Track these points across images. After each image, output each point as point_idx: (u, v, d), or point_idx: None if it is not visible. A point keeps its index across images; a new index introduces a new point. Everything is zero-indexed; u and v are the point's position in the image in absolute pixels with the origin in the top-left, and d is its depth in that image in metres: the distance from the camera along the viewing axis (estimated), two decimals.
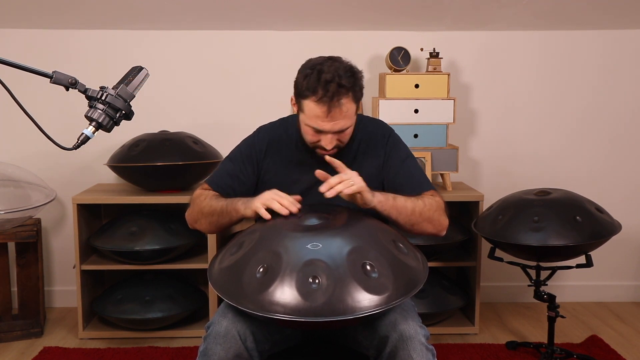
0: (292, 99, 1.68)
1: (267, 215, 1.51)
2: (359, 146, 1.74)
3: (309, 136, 1.64)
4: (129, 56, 2.97)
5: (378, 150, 1.74)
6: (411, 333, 1.38)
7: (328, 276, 1.27)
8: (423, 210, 1.60)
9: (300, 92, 1.59)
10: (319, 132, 1.60)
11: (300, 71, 1.61)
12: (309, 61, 1.61)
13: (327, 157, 1.58)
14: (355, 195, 1.52)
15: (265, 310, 1.25)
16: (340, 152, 1.69)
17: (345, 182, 1.49)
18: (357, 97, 1.61)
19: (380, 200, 1.55)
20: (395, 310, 1.42)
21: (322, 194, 1.73)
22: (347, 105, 1.57)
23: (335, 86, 1.53)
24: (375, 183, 1.72)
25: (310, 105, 1.57)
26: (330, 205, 1.57)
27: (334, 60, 1.59)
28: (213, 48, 3.00)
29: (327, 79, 1.53)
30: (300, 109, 1.62)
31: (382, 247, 1.37)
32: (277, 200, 1.52)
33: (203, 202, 1.67)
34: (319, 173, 1.55)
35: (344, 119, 1.58)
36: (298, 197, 1.58)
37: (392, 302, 1.27)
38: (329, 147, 1.61)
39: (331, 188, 1.48)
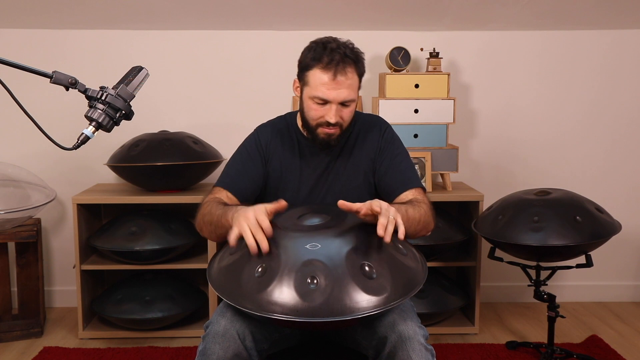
0: (295, 82, 1.69)
1: (233, 243, 1.35)
2: (357, 138, 1.76)
3: (312, 112, 1.64)
4: (129, 56, 2.97)
5: (373, 143, 1.75)
6: (410, 333, 1.37)
7: (326, 277, 1.27)
8: (426, 218, 1.59)
9: (305, 64, 1.61)
10: (324, 103, 1.61)
11: (303, 51, 1.65)
12: (311, 41, 1.65)
13: (340, 202, 1.37)
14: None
15: (263, 310, 1.25)
16: (338, 144, 1.71)
17: (391, 221, 1.33)
18: (360, 71, 1.64)
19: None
20: (393, 311, 1.42)
21: (325, 191, 1.73)
22: (352, 75, 1.60)
23: (341, 55, 1.58)
24: (368, 175, 1.74)
25: (316, 75, 1.59)
26: (329, 205, 1.58)
27: (336, 38, 1.64)
28: (213, 48, 3.00)
29: (332, 47, 1.59)
30: (305, 83, 1.63)
31: (381, 248, 1.37)
32: (252, 231, 1.32)
33: (205, 209, 1.59)
34: (341, 204, 1.37)
35: (348, 89, 1.60)
36: (284, 203, 1.43)
37: (390, 303, 1.27)
38: (332, 120, 1.61)
39: (386, 231, 1.32)
